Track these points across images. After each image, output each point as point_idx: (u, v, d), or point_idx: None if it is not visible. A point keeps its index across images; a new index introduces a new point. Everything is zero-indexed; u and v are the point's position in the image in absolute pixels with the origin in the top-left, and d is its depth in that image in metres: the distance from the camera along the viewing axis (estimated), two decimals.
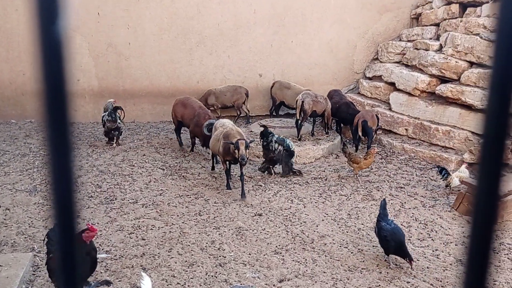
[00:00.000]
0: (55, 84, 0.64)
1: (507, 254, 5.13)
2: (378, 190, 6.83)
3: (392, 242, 4.72)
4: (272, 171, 7.30)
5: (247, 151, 6.22)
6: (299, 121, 8.40)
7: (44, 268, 4.54)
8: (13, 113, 9.69)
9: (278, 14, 10.22)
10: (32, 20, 0.63)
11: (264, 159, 7.34)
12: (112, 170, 7.20)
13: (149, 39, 9.82)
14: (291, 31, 10.37)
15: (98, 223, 5.55)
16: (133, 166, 7.48)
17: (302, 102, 8.28)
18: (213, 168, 7.45)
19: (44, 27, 0.62)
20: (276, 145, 7.06)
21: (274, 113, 10.26)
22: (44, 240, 4.16)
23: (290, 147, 7.16)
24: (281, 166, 7.24)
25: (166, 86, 10.07)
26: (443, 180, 6.81)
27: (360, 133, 8.17)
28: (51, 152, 0.65)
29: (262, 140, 7.21)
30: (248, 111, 10.03)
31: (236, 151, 6.16)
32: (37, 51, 0.63)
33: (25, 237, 5.16)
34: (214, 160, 7.43)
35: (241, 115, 10.11)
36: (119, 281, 4.39)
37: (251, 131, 8.79)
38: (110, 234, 5.30)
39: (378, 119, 8.41)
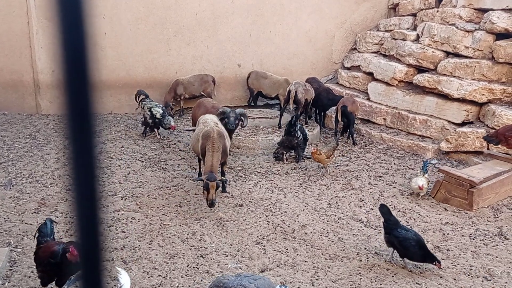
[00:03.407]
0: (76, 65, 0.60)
1: (482, 240, 5.25)
2: (357, 179, 6.89)
3: (420, 250, 4.49)
4: (284, 158, 7.46)
5: (217, 192, 5.54)
6: (297, 112, 8.38)
7: (22, 263, 4.45)
8: None
9: (256, 4, 10.15)
10: None
11: (278, 146, 7.50)
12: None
13: (125, 29, 9.64)
14: (270, 20, 10.32)
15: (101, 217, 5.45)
16: (111, 158, 7.37)
17: (296, 92, 8.26)
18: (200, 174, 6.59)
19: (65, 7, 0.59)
20: (299, 132, 7.31)
21: (252, 104, 10.23)
22: (35, 235, 4.08)
23: (307, 135, 7.62)
24: (295, 152, 7.51)
25: (143, 76, 9.92)
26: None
27: (339, 118, 8.24)
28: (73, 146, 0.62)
29: (290, 128, 7.25)
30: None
31: (205, 192, 5.45)
32: (58, 31, 0.59)
33: (1, 232, 5.03)
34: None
35: None
36: None
37: None
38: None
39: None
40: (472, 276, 4.54)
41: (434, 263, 4.48)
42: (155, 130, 8.40)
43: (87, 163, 0.66)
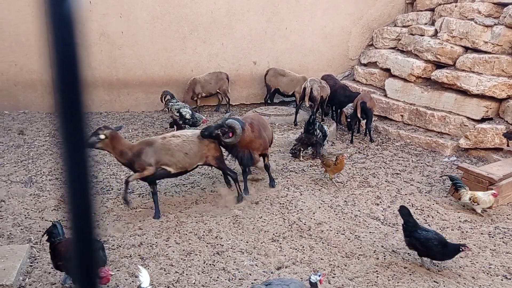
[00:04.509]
0: (68, 67, 0.61)
1: (502, 238, 5.16)
2: (374, 177, 6.84)
3: (443, 248, 4.42)
4: (301, 155, 7.47)
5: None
6: (313, 109, 8.36)
7: (42, 260, 4.53)
8: (5, 104, 9.59)
9: (271, 1, 10.13)
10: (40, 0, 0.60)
11: (296, 142, 7.52)
12: (107, 160, 7.16)
13: (142, 27, 9.71)
14: (285, 17, 10.29)
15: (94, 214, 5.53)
16: None
17: (311, 89, 8.23)
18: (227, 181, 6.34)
19: (53, 5, 0.59)
20: (318, 131, 7.35)
21: (269, 101, 10.22)
22: (43, 235, 4.17)
23: (327, 132, 7.63)
24: (313, 148, 7.54)
25: (159, 75, 9.99)
26: (455, 191, 5.93)
27: (359, 115, 8.19)
28: (65, 145, 0.63)
29: (309, 127, 7.27)
30: (229, 99, 10.02)
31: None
32: (47, 29, 0.60)
33: (21, 229, 5.14)
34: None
35: (223, 102, 10.10)
36: (117, 270, 4.38)
37: None
38: (107, 224, 5.29)
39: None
40: (491, 275, 4.47)
41: (461, 249, 4.39)
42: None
43: (80, 160, 0.66)
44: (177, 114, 8.26)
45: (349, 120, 8.57)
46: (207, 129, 5.67)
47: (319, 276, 3.75)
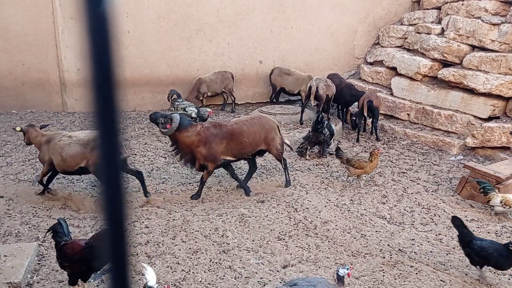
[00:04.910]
0: (103, 68, 0.62)
1: (509, 237, 5.14)
2: (380, 176, 6.82)
3: (501, 256, 4.24)
4: (307, 154, 7.48)
5: None
6: (318, 108, 8.37)
7: (49, 258, 4.56)
8: (13, 104, 9.65)
9: (277, 0, 10.12)
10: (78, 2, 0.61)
11: (303, 141, 7.53)
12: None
13: (148, 27, 9.75)
14: (291, 16, 10.29)
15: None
16: (135, 155, 7.48)
17: (317, 88, 8.24)
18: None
19: (90, 7, 0.61)
20: (326, 129, 7.38)
21: (274, 100, 10.23)
22: (47, 231, 4.18)
23: (334, 130, 7.67)
24: (319, 147, 7.54)
25: (166, 74, 10.02)
26: (483, 194, 5.69)
27: (365, 114, 8.18)
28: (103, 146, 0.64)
29: (317, 125, 7.28)
30: (234, 98, 10.02)
31: None
32: (84, 31, 0.61)
33: (29, 227, 5.17)
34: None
35: (228, 101, 10.11)
36: None
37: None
38: None
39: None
40: (498, 274, 4.46)
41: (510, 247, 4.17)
42: None
43: (114, 160, 0.67)
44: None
45: (354, 118, 8.56)
46: (155, 113, 5.98)
47: (347, 269, 3.60)
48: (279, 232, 5.18)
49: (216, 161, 5.89)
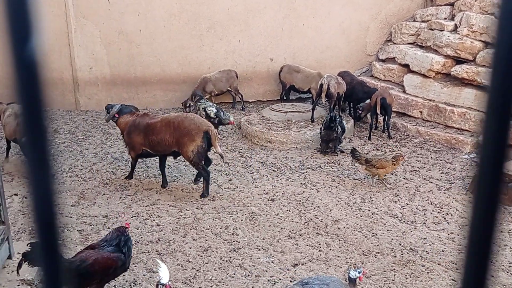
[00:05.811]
0: (32, 107, 0.62)
1: None
2: (392, 174, 6.77)
3: None
4: (328, 150, 7.50)
5: None
6: (330, 106, 8.36)
7: None
8: None
9: None
10: (4, 39, 0.60)
11: (321, 142, 7.55)
12: (126, 157, 7.25)
13: (159, 25, 9.79)
14: (302, 13, 10.24)
15: (113, 210, 5.62)
16: None
17: (328, 85, 8.21)
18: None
19: (17, 47, 0.59)
20: (339, 127, 7.39)
21: (284, 98, 10.20)
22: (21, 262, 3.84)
23: (345, 128, 7.71)
24: (331, 144, 7.51)
25: (177, 72, 10.06)
26: None
27: (378, 111, 8.13)
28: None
29: (331, 124, 7.30)
30: (242, 95, 10.00)
31: None
32: (12, 72, 0.61)
33: None
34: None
35: (237, 100, 10.09)
36: (135, 266, 4.45)
37: (263, 116, 8.75)
38: (126, 220, 5.35)
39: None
40: (511, 274, 4.40)
41: None
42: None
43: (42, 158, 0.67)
44: (204, 113, 8.29)
45: (359, 112, 8.57)
46: (112, 105, 6.63)
47: (359, 273, 3.55)
48: (290, 231, 5.18)
49: (136, 150, 6.35)
